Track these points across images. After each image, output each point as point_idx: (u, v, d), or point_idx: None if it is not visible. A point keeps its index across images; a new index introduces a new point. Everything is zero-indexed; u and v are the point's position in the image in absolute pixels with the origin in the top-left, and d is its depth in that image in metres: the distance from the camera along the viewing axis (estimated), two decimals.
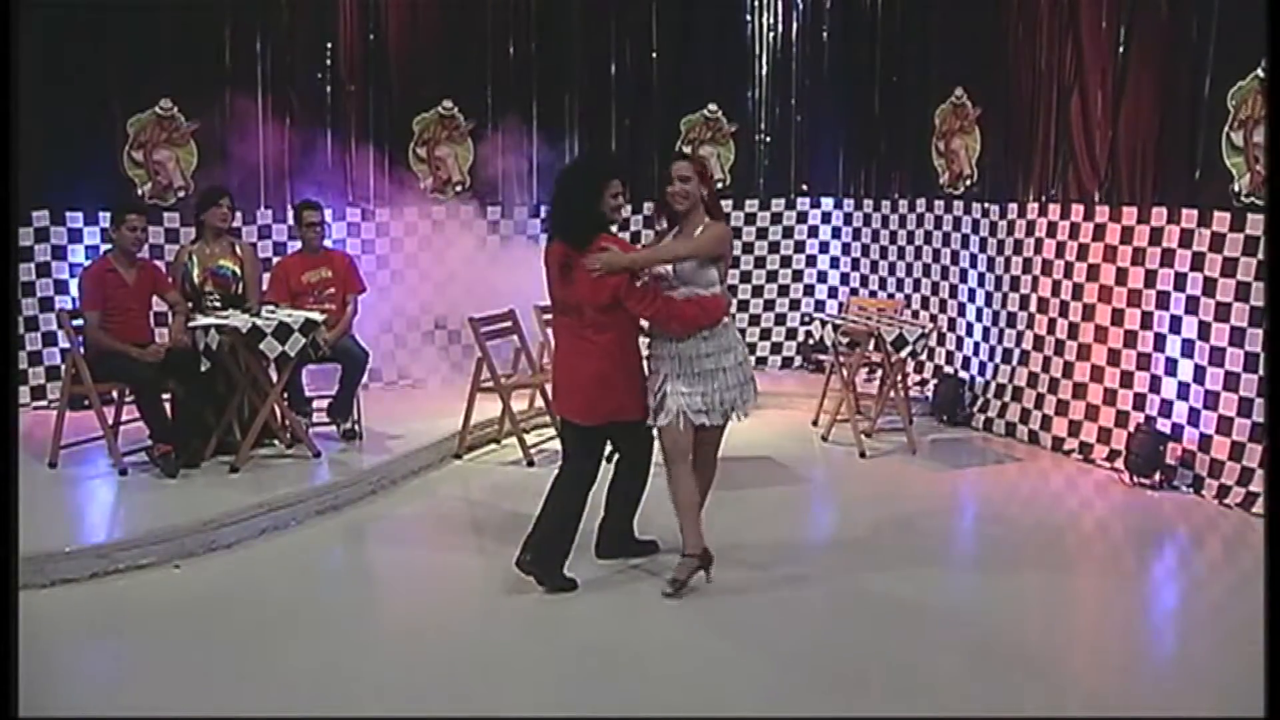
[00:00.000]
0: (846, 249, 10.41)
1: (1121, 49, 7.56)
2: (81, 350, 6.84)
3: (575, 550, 5.42)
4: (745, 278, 10.31)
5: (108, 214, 7.34)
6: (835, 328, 8.22)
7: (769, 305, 10.43)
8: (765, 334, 10.40)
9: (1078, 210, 7.97)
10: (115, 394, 7.16)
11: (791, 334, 10.45)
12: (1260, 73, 6.61)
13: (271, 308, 7.20)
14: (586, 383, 5.32)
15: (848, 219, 10.38)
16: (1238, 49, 6.77)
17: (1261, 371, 6.64)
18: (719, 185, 10.35)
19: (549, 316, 6.85)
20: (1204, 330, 6.99)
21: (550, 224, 5.58)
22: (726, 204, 10.30)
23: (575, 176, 5.67)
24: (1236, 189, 6.83)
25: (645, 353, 5.44)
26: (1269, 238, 6.42)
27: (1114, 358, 7.66)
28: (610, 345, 5.29)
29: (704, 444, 5.39)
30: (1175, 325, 7.24)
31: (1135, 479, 7.16)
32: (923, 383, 9.30)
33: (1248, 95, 6.72)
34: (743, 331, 9.84)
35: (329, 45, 9.11)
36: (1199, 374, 7.03)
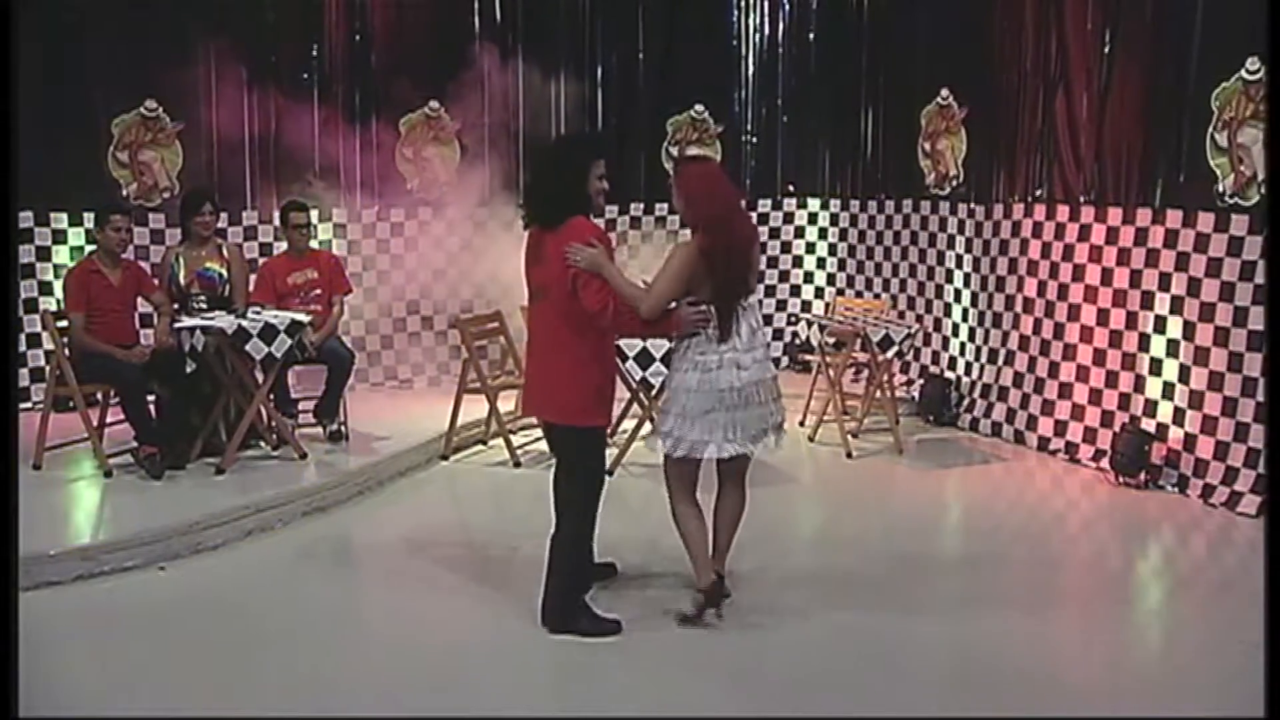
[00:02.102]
0: (833, 249, 10.44)
1: (1106, 50, 7.59)
2: (66, 352, 6.81)
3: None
4: None
5: (92, 215, 7.31)
6: (821, 328, 8.22)
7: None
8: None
9: (1063, 210, 7.99)
10: (100, 395, 7.13)
11: (778, 334, 10.47)
12: (1244, 74, 6.64)
13: (258, 309, 7.19)
14: (556, 377, 4.83)
15: (834, 219, 10.40)
16: (1222, 50, 6.80)
17: (1247, 370, 6.67)
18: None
19: None
20: (1189, 330, 7.02)
21: (528, 208, 4.93)
22: None
23: (559, 155, 5.16)
24: (1221, 189, 6.86)
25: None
26: (1270, 238, 6.42)
27: (1099, 357, 7.69)
28: (579, 336, 4.77)
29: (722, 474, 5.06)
30: (1160, 325, 7.27)
31: (1120, 478, 7.18)
32: (909, 383, 9.32)
33: (1232, 96, 6.75)
34: None
35: (315, 46, 9.10)
36: (1184, 374, 7.06)
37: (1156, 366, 7.29)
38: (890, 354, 7.98)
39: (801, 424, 8.53)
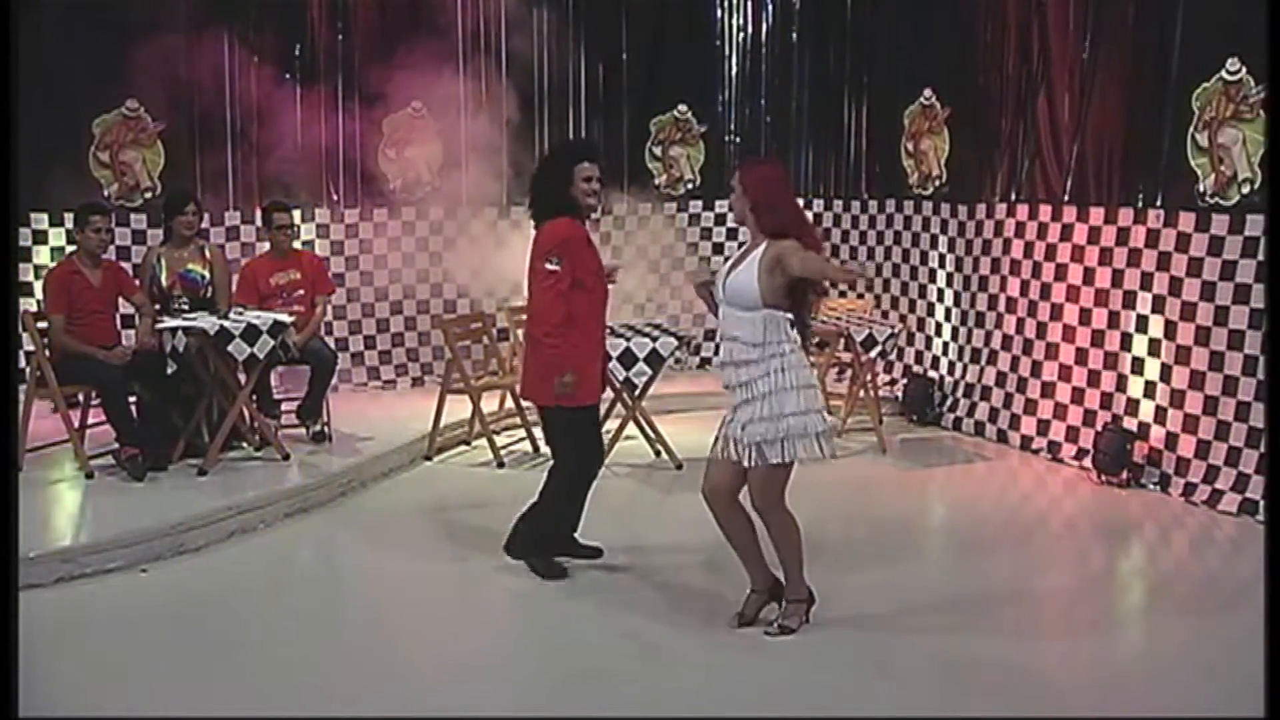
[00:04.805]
0: None
1: (1088, 50, 7.62)
2: (46, 353, 6.77)
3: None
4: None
5: (72, 215, 7.27)
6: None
7: None
8: None
9: (1045, 210, 8.02)
10: (81, 397, 7.09)
11: None
12: (1225, 74, 6.67)
13: (240, 310, 7.16)
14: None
15: (817, 219, 10.39)
16: (1202, 50, 6.83)
17: (1229, 369, 6.70)
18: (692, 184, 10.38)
19: (521, 317, 6.85)
20: (1170, 329, 7.05)
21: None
22: (696, 204, 10.35)
23: (545, 159, 6.24)
24: (1201, 189, 6.88)
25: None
26: (1269, 238, 6.44)
27: (1081, 357, 7.72)
28: None
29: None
30: (1142, 324, 7.29)
31: (1103, 477, 7.21)
32: (892, 382, 9.33)
33: (1212, 96, 6.78)
34: (710, 333, 9.87)
35: (297, 45, 9.07)
36: (1165, 373, 7.08)
37: (1138, 365, 7.32)
38: (874, 354, 8.00)
39: None
